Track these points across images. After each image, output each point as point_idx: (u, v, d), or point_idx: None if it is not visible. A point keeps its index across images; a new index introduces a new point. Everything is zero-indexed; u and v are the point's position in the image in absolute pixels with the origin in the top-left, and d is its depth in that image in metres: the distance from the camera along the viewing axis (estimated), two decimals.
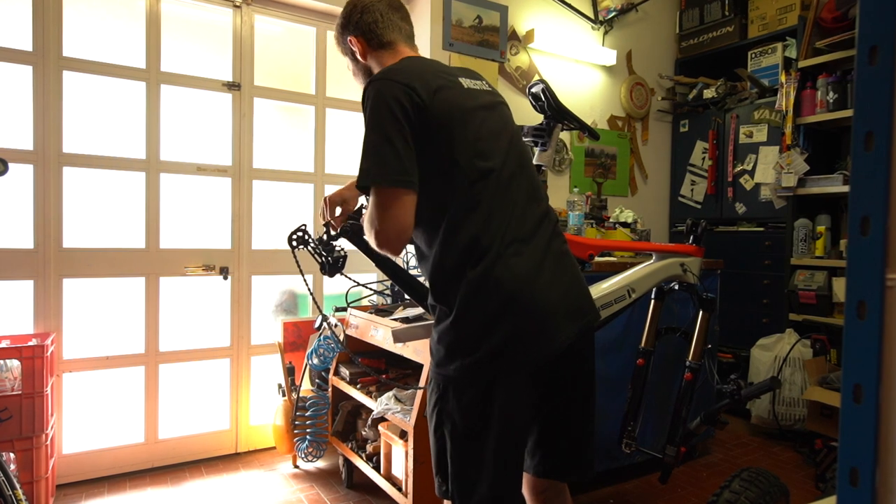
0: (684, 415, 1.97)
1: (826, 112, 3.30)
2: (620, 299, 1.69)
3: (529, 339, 1.17)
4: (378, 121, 1.16)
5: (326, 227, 1.47)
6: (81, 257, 2.56)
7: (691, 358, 1.96)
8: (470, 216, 1.18)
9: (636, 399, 2.02)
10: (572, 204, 2.74)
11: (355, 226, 1.45)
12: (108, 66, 2.61)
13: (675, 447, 1.98)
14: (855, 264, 0.47)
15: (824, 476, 2.63)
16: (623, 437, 1.99)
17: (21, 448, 2.15)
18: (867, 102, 0.47)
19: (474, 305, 1.17)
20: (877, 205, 0.46)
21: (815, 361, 3.11)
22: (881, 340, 0.46)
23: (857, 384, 0.47)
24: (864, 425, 0.46)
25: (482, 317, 1.17)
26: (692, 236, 1.95)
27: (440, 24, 3.10)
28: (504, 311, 1.16)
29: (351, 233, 1.45)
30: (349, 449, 2.52)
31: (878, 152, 0.46)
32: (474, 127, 1.22)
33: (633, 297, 1.72)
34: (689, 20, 4.14)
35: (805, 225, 3.38)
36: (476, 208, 1.18)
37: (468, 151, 1.20)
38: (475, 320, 1.18)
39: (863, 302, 0.47)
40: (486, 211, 1.19)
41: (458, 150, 1.19)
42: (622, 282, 1.72)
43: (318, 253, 1.46)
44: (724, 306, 3.12)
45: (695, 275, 1.88)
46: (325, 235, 1.47)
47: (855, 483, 0.47)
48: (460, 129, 1.20)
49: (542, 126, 1.61)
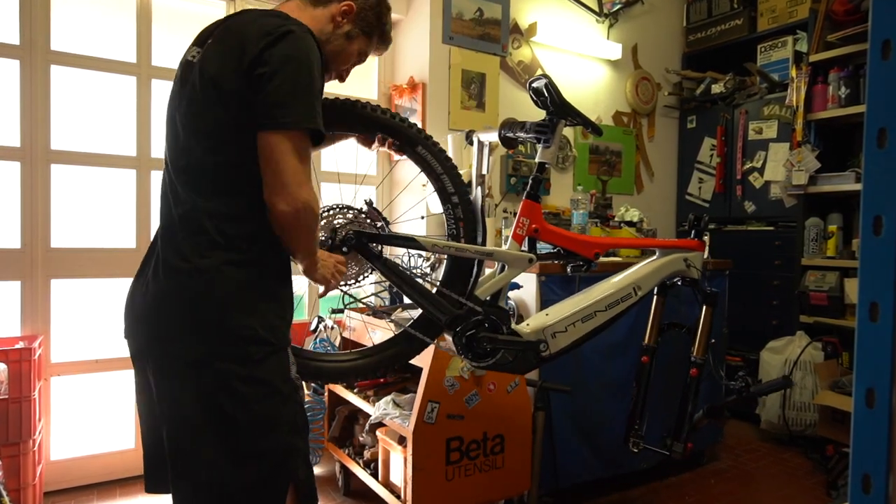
0: (690, 410, 1.97)
1: (838, 108, 3.23)
2: (627, 297, 1.68)
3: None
4: (312, 70, 1.13)
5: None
6: (70, 258, 2.50)
7: (696, 353, 1.96)
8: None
9: (641, 397, 1.99)
10: (576, 202, 2.68)
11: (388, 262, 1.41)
12: (97, 61, 2.55)
13: (681, 443, 1.96)
14: (867, 265, 0.47)
15: (836, 483, 2.59)
16: (629, 435, 1.96)
17: (7, 454, 2.12)
18: (880, 98, 0.46)
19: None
20: (890, 203, 0.45)
21: (827, 365, 3.05)
22: (894, 343, 0.45)
23: (869, 388, 0.47)
24: (877, 431, 0.46)
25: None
26: (693, 231, 1.95)
27: (440, 16, 3.03)
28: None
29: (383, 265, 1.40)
30: (346, 455, 2.47)
31: (891, 149, 0.45)
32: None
33: (640, 294, 1.70)
34: (696, 13, 4.06)
35: (816, 224, 3.31)
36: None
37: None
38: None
39: (875, 303, 0.46)
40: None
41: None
42: (627, 280, 1.70)
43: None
44: (732, 308, 3.06)
45: (698, 269, 1.87)
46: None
47: (867, 490, 0.47)
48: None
49: (545, 122, 1.55)
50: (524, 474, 2.18)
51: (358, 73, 3.24)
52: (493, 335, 1.44)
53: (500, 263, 1.53)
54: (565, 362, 2.36)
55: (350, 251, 1.36)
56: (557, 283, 2.31)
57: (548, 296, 2.28)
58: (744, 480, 2.74)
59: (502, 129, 1.65)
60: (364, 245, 1.36)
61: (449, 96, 3.07)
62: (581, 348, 2.35)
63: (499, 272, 1.53)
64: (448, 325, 1.42)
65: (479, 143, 1.93)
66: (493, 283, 1.50)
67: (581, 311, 1.58)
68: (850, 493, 0.48)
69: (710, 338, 1.96)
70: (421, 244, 1.39)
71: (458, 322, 1.42)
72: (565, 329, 1.55)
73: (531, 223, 1.53)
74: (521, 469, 2.17)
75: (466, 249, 1.41)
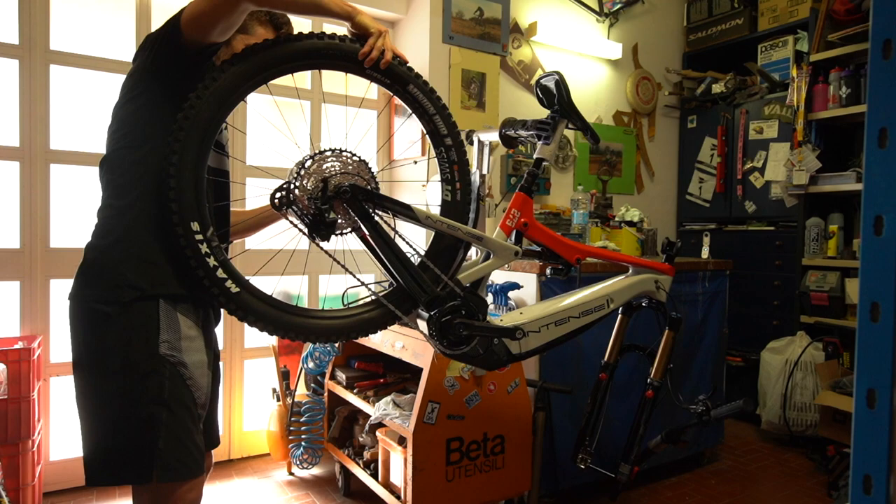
0: (641, 433, 1.95)
1: (839, 107, 3.22)
2: (599, 308, 1.68)
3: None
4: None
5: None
6: (69, 257, 2.49)
7: (653, 376, 1.95)
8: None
9: (595, 414, 1.99)
10: (576, 202, 2.67)
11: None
12: (96, 60, 2.55)
13: (629, 465, 1.95)
14: (868, 265, 0.47)
15: (837, 484, 2.58)
16: (578, 451, 1.95)
17: (7, 454, 2.11)
18: (881, 98, 0.46)
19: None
20: (891, 203, 0.45)
21: (828, 365, 3.05)
22: (895, 344, 0.45)
23: (870, 389, 0.47)
24: (878, 431, 0.46)
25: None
26: (666, 255, 1.96)
27: (440, 16, 3.03)
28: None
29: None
30: (346, 455, 2.46)
31: (892, 149, 0.45)
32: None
33: (611, 307, 1.71)
34: (697, 12, 4.06)
35: (817, 224, 3.31)
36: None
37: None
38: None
39: (876, 304, 0.46)
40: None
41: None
42: (602, 291, 1.71)
43: (307, 214, 1.25)
44: (733, 308, 3.05)
45: (665, 292, 1.89)
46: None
47: (868, 491, 0.47)
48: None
49: (547, 120, 1.54)
50: (524, 475, 2.17)
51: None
52: (468, 321, 1.38)
53: (485, 251, 1.50)
54: (566, 363, 2.36)
55: (338, 203, 1.26)
56: (558, 283, 2.31)
57: (547, 296, 2.27)
58: (744, 481, 2.73)
59: (503, 128, 1.64)
60: (358, 201, 1.27)
61: (449, 96, 3.06)
62: (582, 349, 2.35)
63: (482, 260, 1.49)
64: (427, 305, 1.36)
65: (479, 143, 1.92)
66: (477, 270, 1.45)
67: (555, 315, 1.57)
68: (851, 493, 0.48)
69: (669, 362, 1.95)
70: (416, 215, 1.33)
71: (438, 303, 1.36)
72: (538, 330, 1.54)
73: (521, 217, 1.52)
74: (522, 469, 2.16)
75: (459, 229, 1.37)
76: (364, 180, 1.30)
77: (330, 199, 1.25)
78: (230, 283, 1.19)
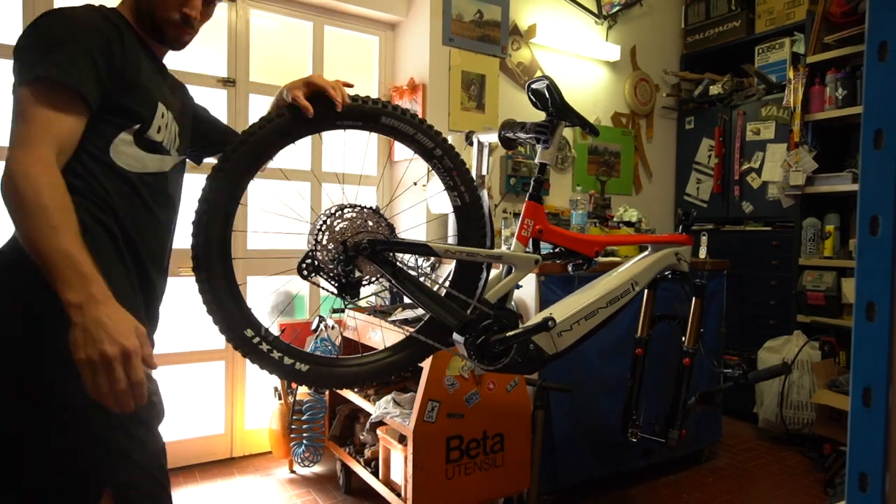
0: (684, 398, 2.02)
1: (835, 109, 3.24)
2: (626, 293, 1.71)
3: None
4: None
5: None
6: None
7: (687, 344, 2.02)
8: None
9: (636, 388, 2.04)
10: (575, 203, 2.69)
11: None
12: None
13: (676, 430, 2.02)
14: (864, 265, 0.47)
15: (833, 482, 2.60)
16: (627, 426, 2.01)
17: None
18: (876, 99, 0.46)
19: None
20: (886, 204, 0.46)
21: (824, 364, 3.07)
22: (891, 343, 0.46)
23: (866, 387, 0.47)
24: (874, 429, 0.46)
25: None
26: (682, 225, 2.00)
27: (440, 18, 3.05)
28: None
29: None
30: (347, 454, 2.48)
31: (887, 150, 0.46)
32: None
33: (637, 289, 1.74)
34: (694, 14, 4.08)
35: (814, 224, 3.33)
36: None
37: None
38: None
39: (872, 303, 0.47)
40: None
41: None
42: (625, 275, 1.73)
43: (334, 277, 1.28)
44: (730, 308, 3.07)
45: (687, 262, 1.93)
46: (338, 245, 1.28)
47: (864, 489, 0.47)
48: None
49: (544, 123, 1.56)
50: (524, 473, 2.19)
51: (358, 74, 3.27)
52: (501, 335, 1.43)
53: (506, 266, 1.54)
54: (565, 362, 2.37)
55: (359, 260, 1.29)
56: (556, 282, 2.33)
57: (547, 295, 2.29)
58: (742, 479, 2.75)
59: (502, 129, 1.66)
60: (378, 254, 1.29)
61: (449, 97, 3.08)
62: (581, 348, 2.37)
63: (505, 274, 1.53)
64: (460, 331, 1.40)
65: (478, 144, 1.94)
66: (502, 286, 1.49)
67: (584, 309, 1.60)
68: (847, 491, 0.48)
69: (701, 328, 2.01)
70: (434, 251, 1.36)
71: (470, 327, 1.40)
72: (570, 327, 1.57)
73: (535, 224, 1.54)
74: (521, 467, 2.18)
75: (477, 254, 1.39)
76: (378, 224, 1.32)
77: (352, 259, 1.28)
78: (299, 364, 1.27)
